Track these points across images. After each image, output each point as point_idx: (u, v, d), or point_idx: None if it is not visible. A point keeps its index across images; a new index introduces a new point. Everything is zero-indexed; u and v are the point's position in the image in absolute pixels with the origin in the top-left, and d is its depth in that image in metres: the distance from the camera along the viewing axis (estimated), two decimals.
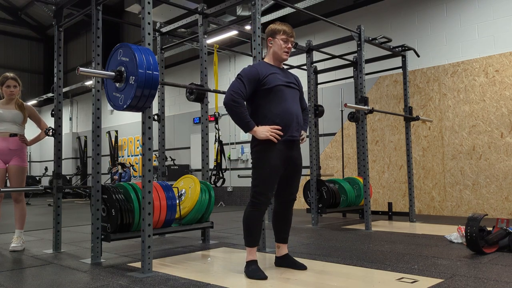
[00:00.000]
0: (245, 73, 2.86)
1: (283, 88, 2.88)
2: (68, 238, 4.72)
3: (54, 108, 4.03)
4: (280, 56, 2.95)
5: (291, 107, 2.87)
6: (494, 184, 6.23)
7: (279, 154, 2.83)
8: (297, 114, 2.90)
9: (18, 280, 2.86)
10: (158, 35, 5.02)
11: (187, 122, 11.28)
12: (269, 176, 2.82)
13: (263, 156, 2.82)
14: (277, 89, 2.85)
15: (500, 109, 6.25)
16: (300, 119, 2.93)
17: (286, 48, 2.92)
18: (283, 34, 2.91)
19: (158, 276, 2.87)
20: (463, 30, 6.74)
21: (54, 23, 4.10)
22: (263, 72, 2.86)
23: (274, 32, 2.95)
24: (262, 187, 2.83)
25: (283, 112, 2.83)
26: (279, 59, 2.97)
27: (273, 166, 2.81)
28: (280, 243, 3.05)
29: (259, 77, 2.83)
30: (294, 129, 2.88)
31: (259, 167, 2.84)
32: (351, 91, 7.48)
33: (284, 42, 2.92)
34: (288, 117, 2.84)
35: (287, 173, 2.93)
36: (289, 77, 2.99)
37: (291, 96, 2.91)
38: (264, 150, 2.82)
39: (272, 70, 2.91)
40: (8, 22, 15.45)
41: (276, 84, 2.85)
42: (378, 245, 4.01)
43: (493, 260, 3.22)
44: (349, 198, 6.06)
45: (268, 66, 2.95)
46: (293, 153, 2.92)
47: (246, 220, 2.87)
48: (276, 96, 2.84)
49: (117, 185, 3.60)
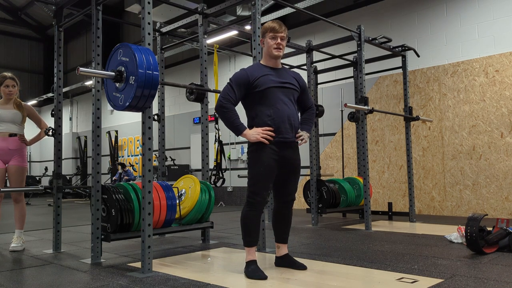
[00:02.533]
0: (235, 77, 2.89)
1: (275, 89, 2.87)
2: (68, 238, 4.72)
3: (54, 108, 4.03)
4: (272, 52, 2.92)
5: (283, 108, 2.86)
6: (494, 184, 6.23)
7: (273, 154, 2.83)
8: (289, 116, 2.88)
9: (18, 280, 2.86)
10: (158, 35, 5.02)
11: (187, 122, 11.28)
12: (263, 176, 2.83)
13: (256, 156, 2.84)
14: (269, 91, 2.85)
15: (500, 109, 6.25)
16: (293, 120, 2.91)
17: (275, 44, 2.90)
18: (270, 32, 2.91)
19: (158, 276, 2.87)
20: (463, 30, 6.74)
21: (54, 23, 4.10)
22: (253, 75, 2.87)
23: (263, 32, 2.97)
24: (257, 187, 2.84)
25: (274, 114, 2.83)
26: (272, 56, 2.94)
27: (266, 166, 2.82)
28: (280, 243, 3.06)
29: (249, 80, 2.85)
30: (286, 131, 2.87)
31: (253, 167, 2.86)
32: (351, 91, 7.48)
33: (272, 39, 2.90)
34: (279, 119, 2.83)
35: (283, 173, 2.93)
36: (285, 77, 2.96)
37: (285, 97, 2.90)
38: (258, 150, 2.84)
39: (264, 72, 2.90)
40: (8, 22, 15.44)
41: (267, 86, 2.85)
42: (378, 245, 4.01)
43: (493, 260, 3.22)
44: (349, 198, 6.05)
45: (261, 67, 2.95)
46: (287, 154, 2.91)
47: (244, 220, 2.88)
48: (267, 98, 2.85)
49: (117, 185, 3.60)
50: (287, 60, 6.86)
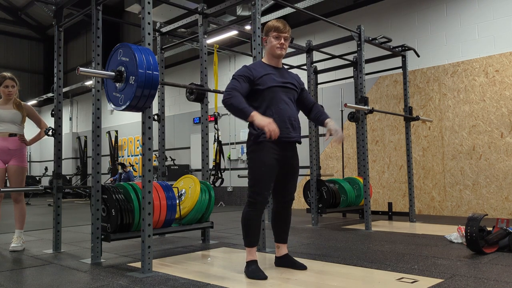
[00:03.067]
0: (239, 72, 2.88)
1: (278, 89, 2.88)
2: (68, 238, 4.72)
3: (54, 108, 4.03)
4: (274, 52, 2.93)
5: (285, 108, 2.87)
6: (494, 184, 6.23)
7: (273, 153, 2.83)
8: (290, 116, 2.89)
9: (18, 280, 2.86)
10: (158, 35, 5.02)
11: (187, 122, 11.28)
12: (265, 175, 2.82)
13: (257, 156, 2.83)
14: (271, 90, 2.86)
15: (500, 109, 6.25)
16: (294, 120, 2.92)
17: (278, 44, 2.91)
18: (274, 31, 2.92)
19: (158, 276, 2.87)
20: (463, 30, 6.74)
21: (54, 23, 4.10)
22: (257, 73, 2.87)
23: (267, 30, 2.97)
24: (258, 187, 2.83)
25: (276, 113, 2.83)
26: (274, 55, 2.96)
27: (267, 165, 2.81)
28: (279, 243, 3.06)
29: (252, 76, 2.85)
30: (288, 130, 2.88)
31: (254, 167, 2.85)
32: (351, 91, 7.48)
33: (276, 39, 2.91)
34: (280, 118, 2.83)
35: (283, 173, 2.93)
36: (287, 77, 2.98)
37: (287, 97, 2.92)
38: (258, 150, 2.83)
39: (267, 71, 2.91)
40: (8, 22, 15.44)
41: (270, 85, 2.86)
42: (378, 245, 4.01)
43: (493, 260, 3.22)
44: (349, 198, 6.05)
45: (264, 66, 2.96)
46: (288, 153, 2.92)
47: (245, 220, 2.87)
48: (269, 97, 2.85)
49: (117, 185, 3.60)
50: (287, 60, 6.86)
